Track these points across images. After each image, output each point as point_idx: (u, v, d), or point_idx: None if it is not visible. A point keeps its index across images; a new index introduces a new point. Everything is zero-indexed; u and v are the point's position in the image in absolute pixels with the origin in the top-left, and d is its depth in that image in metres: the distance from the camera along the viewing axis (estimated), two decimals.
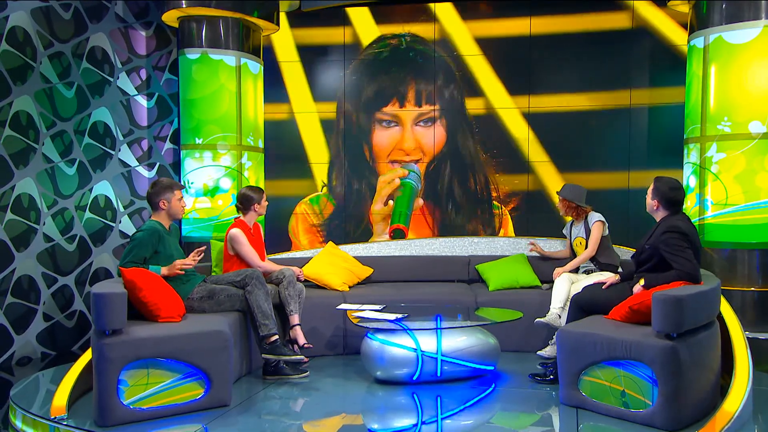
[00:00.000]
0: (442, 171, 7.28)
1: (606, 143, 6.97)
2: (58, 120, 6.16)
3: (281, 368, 4.64)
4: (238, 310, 4.61)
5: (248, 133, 6.66)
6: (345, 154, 7.41)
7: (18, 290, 5.75)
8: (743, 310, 5.41)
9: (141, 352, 3.77)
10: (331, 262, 5.90)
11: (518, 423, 4.02)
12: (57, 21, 6.13)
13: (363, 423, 4.06)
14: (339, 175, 7.43)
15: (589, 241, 5.24)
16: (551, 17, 7.00)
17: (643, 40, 6.83)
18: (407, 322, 4.59)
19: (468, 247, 6.40)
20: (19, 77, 5.77)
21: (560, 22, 7.00)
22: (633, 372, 3.69)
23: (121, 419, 3.71)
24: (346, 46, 7.37)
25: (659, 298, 3.59)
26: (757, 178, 5.37)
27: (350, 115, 7.39)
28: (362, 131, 7.40)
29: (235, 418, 3.90)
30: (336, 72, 7.41)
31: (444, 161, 7.27)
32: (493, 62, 7.15)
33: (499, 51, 7.14)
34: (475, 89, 7.17)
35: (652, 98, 6.85)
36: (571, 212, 5.37)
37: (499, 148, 7.17)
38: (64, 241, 6.22)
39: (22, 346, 5.78)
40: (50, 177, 6.07)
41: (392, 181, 7.26)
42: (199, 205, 6.52)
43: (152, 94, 7.11)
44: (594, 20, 6.94)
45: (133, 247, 4.28)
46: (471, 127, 7.21)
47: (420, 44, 7.27)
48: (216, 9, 6.34)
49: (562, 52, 7.02)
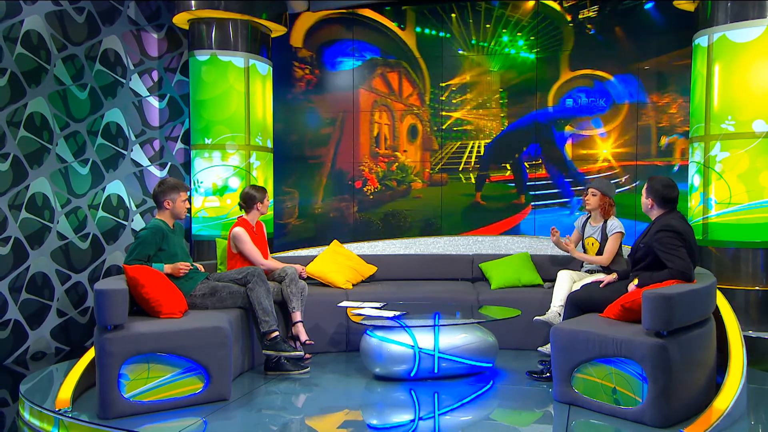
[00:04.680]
0: None
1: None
2: (72, 121, 6.31)
3: (282, 364, 4.73)
4: (240, 307, 4.71)
5: (257, 133, 6.77)
6: None
7: (32, 287, 5.92)
8: (747, 309, 5.39)
9: (142, 347, 3.89)
10: (334, 260, 5.99)
11: (513, 419, 4.07)
12: (70, 24, 6.29)
13: (362, 419, 4.14)
14: None
15: (605, 250, 5.17)
16: None
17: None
18: (405, 320, 4.66)
19: (472, 245, 6.45)
20: (34, 79, 5.93)
21: None
22: (624, 369, 3.72)
23: (122, 412, 3.83)
24: None
25: (648, 297, 3.62)
26: (760, 177, 5.34)
27: None
28: None
29: (235, 412, 4.00)
30: None
31: None
32: None
33: None
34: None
35: None
36: (600, 209, 5.26)
37: None
38: (78, 239, 6.37)
39: (36, 341, 5.95)
40: (64, 176, 6.23)
41: None
42: (208, 204, 6.65)
43: (164, 95, 7.25)
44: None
45: (137, 245, 4.40)
46: None
47: None
48: (225, 11, 6.45)
49: None
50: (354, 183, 7.54)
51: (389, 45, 7.46)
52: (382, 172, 7.48)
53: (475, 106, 7.27)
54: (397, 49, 7.44)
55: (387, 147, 7.50)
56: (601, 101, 6.87)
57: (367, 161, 7.52)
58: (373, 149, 7.51)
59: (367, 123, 7.53)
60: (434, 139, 7.37)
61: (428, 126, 7.40)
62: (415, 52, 7.41)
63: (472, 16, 7.19)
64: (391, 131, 7.49)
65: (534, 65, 7.06)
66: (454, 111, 7.32)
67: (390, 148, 7.49)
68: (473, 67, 7.26)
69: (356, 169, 7.55)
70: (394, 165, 7.46)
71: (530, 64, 7.08)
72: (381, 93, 7.50)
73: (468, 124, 7.29)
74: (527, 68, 7.09)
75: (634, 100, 6.79)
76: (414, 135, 7.45)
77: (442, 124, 7.36)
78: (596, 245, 5.28)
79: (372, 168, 7.50)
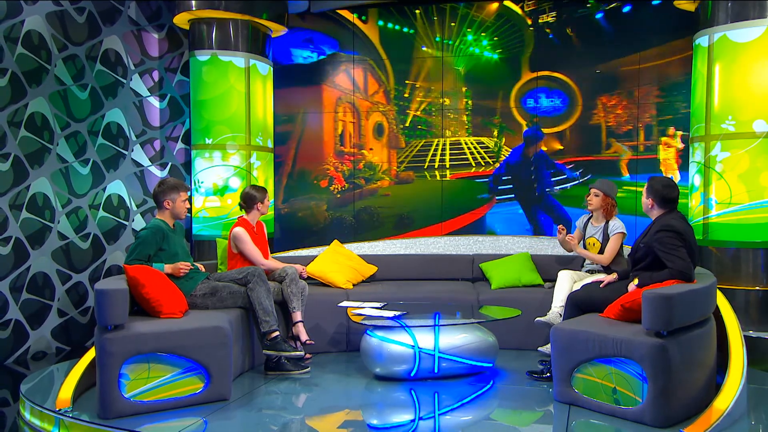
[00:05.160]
0: None
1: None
2: (72, 121, 6.32)
3: (282, 364, 4.74)
4: (241, 306, 4.71)
5: (257, 133, 6.77)
6: None
7: (33, 287, 5.92)
8: (747, 309, 5.39)
9: (142, 346, 3.90)
10: (335, 260, 5.99)
11: (513, 419, 4.08)
12: (71, 24, 6.29)
13: (363, 419, 4.14)
14: None
15: (606, 250, 5.18)
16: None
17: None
18: (405, 320, 4.66)
19: (473, 245, 6.45)
20: (35, 79, 5.94)
21: None
22: (624, 369, 3.72)
23: (122, 412, 3.84)
24: None
25: (648, 297, 3.62)
26: (761, 177, 5.34)
27: None
28: None
29: (235, 412, 4.01)
30: None
31: None
32: None
33: None
34: None
35: None
36: (603, 210, 5.28)
37: None
38: (78, 239, 6.38)
39: (36, 340, 5.95)
40: (64, 176, 6.23)
41: None
42: (208, 204, 6.65)
43: (164, 95, 7.25)
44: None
45: (137, 245, 4.41)
46: None
47: None
48: (225, 11, 6.45)
49: None
50: (320, 182, 7.55)
51: (349, 38, 7.45)
52: (348, 170, 7.49)
53: (439, 104, 7.34)
54: (359, 43, 7.43)
55: (353, 145, 7.51)
56: (558, 101, 7.06)
57: (332, 160, 7.52)
58: (338, 147, 7.52)
59: (331, 121, 7.53)
60: (401, 137, 7.41)
61: (394, 124, 7.42)
62: (378, 48, 7.41)
63: (437, 13, 7.25)
64: (356, 129, 7.51)
65: (497, 65, 7.18)
66: (418, 109, 7.38)
67: (356, 147, 7.50)
68: (437, 65, 7.30)
69: (321, 168, 7.55)
70: (361, 163, 7.48)
71: (494, 63, 7.19)
72: (345, 90, 7.50)
73: (432, 122, 7.35)
74: (491, 68, 7.20)
75: (587, 101, 6.98)
76: (380, 133, 7.47)
77: (406, 121, 7.39)
78: (597, 245, 5.28)
79: (338, 167, 7.51)
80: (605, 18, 6.90)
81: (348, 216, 7.46)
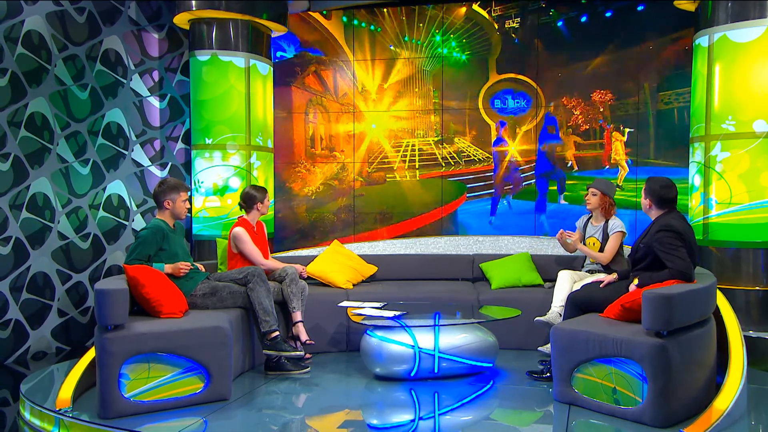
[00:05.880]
0: None
1: None
2: (72, 121, 6.32)
3: (282, 364, 4.74)
4: (241, 306, 4.71)
5: (257, 133, 6.77)
6: None
7: (33, 287, 5.92)
8: (747, 309, 5.39)
9: (142, 346, 3.90)
10: (335, 260, 5.99)
11: (513, 419, 4.08)
12: (71, 24, 6.29)
13: (363, 419, 4.14)
14: None
15: (606, 249, 5.19)
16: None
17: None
18: (405, 320, 4.66)
19: (473, 245, 6.45)
20: (35, 79, 5.94)
21: None
22: (624, 369, 3.72)
23: (122, 412, 3.83)
24: None
25: (648, 297, 3.62)
26: (761, 177, 5.34)
27: None
28: None
29: (235, 412, 4.01)
30: None
31: None
32: None
33: None
34: None
35: None
36: (601, 209, 5.29)
37: None
38: (78, 239, 6.38)
39: (37, 341, 5.95)
40: (64, 176, 6.23)
41: None
42: (208, 204, 6.65)
43: (164, 95, 7.25)
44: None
45: (137, 245, 4.41)
46: None
47: None
48: (226, 11, 6.45)
49: None
50: (292, 185, 7.59)
51: (311, 34, 7.49)
52: (320, 172, 7.54)
53: (407, 105, 7.42)
54: (322, 40, 7.46)
55: (323, 147, 7.56)
56: (523, 102, 7.23)
57: (303, 162, 7.56)
58: (309, 150, 7.56)
59: (301, 123, 7.58)
60: (373, 138, 7.48)
61: (366, 124, 7.49)
62: (343, 45, 7.46)
63: (406, 13, 7.33)
64: (327, 131, 7.57)
65: (465, 66, 7.30)
66: (386, 110, 7.45)
67: (327, 149, 7.55)
68: (406, 65, 7.38)
69: (292, 171, 7.59)
70: (334, 165, 7.52)
71: (462, 65, 7.30)
72: (316, 92, 7.53)
73: (401, 122, 7.42)
74: (459, 69, 7.31)
75: (549, 102, 7.15)
76: (351, 134, 7.53)
77: (375, 122, 7.47)
78: (597, 245, 5.29)
79: (310, 169, 7.56)
80: (565, 25, 7.12)
81: (329, 215, 7.56)
